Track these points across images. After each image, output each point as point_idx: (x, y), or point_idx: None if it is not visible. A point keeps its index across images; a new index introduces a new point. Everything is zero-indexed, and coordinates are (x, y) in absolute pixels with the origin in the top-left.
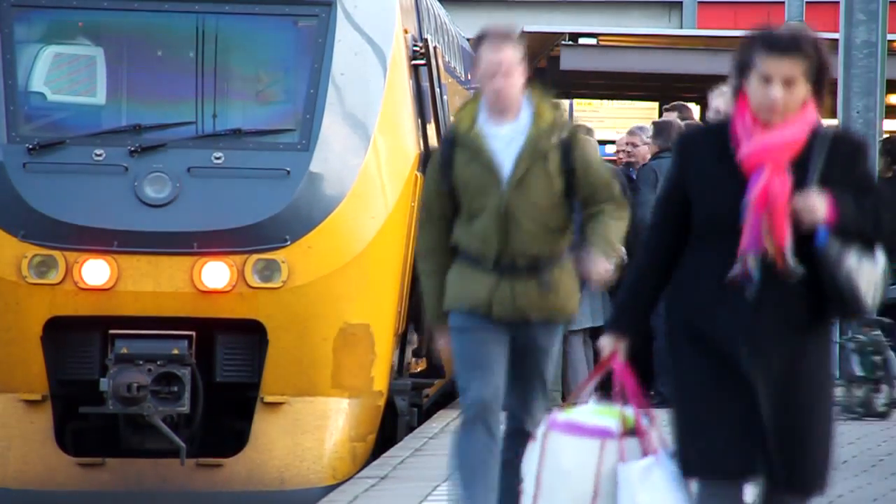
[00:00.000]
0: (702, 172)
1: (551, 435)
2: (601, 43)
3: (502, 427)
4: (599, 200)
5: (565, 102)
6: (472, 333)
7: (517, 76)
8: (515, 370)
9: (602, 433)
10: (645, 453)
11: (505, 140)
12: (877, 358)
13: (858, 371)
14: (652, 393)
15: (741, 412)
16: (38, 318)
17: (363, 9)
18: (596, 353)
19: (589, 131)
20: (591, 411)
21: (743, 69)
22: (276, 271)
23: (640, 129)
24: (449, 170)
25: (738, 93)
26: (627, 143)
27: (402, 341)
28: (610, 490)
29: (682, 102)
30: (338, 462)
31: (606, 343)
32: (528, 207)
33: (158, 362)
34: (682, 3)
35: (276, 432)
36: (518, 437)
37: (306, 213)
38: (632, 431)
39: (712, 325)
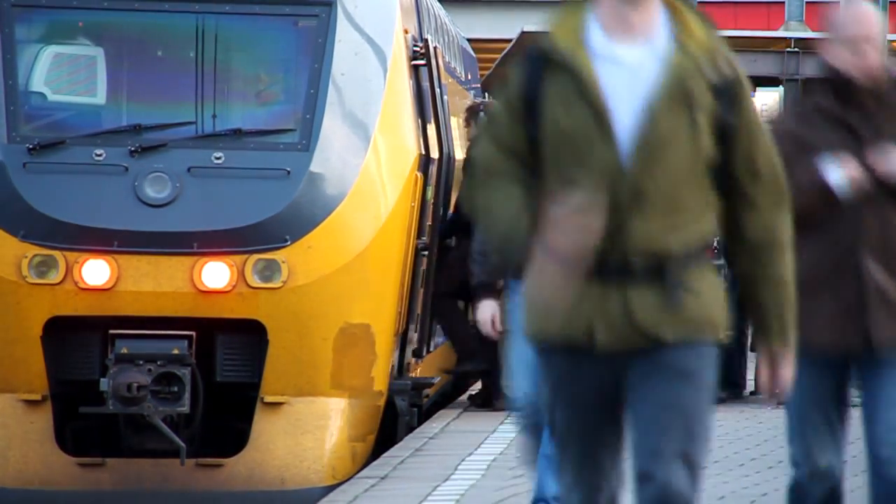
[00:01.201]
0: None
1: None
2: None
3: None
4: (757, 189)
5: None
6: (565, 391)
7: None
8: (640, 407)
9: None
10: None
11: (631, 70)
12: None
13: None
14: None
15: None
16: (39, 318)
17: (363, 9)
18: None
19: None
20: None
21: None
22: (277, 271)
23: None
24: (533, 109)
25: None
26: None
27: (402, 341)
28: None
29: None
30: (338, 462)
31: None
32: (660, 179)
33: (158, 362)
34: None
35: (277, 432)
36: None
37: (306, 213)
38: None
39: None
